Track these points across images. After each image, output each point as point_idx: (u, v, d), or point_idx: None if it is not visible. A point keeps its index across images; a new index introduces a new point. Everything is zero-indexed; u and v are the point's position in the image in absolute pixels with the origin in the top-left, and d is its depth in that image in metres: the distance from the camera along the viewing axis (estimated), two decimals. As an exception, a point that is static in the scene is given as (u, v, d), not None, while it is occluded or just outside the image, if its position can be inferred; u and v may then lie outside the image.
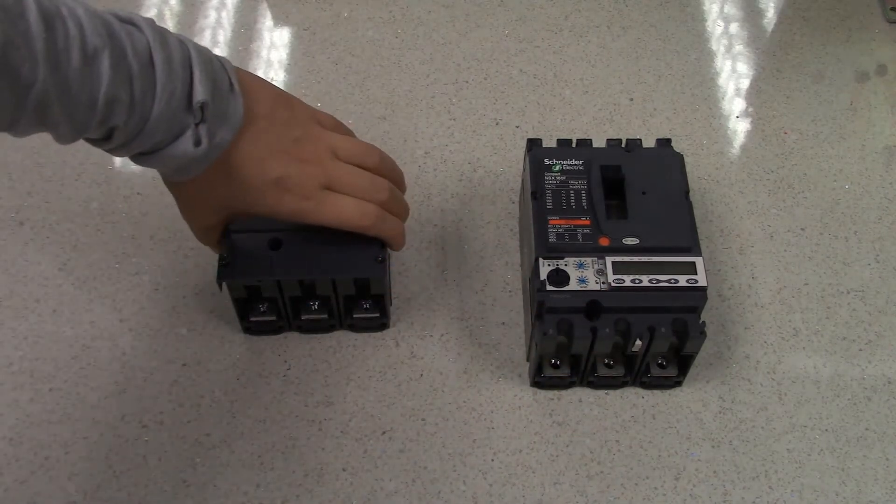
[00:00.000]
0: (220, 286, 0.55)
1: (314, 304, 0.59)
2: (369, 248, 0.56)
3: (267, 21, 0.81)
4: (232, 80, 0.48)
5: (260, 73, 0.77)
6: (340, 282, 0.57)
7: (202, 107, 0.45)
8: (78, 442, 0.57)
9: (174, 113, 0.44)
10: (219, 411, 0.59)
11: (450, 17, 0.81)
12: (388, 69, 0.77)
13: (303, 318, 0.59)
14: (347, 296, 0.59)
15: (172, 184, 0.51)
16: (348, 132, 0.59)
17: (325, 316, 0.59)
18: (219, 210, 0.53)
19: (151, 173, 0.69)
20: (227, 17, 0.81)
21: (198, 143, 0.46)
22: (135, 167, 0.70)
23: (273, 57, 0.78)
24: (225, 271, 0.55)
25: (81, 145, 0.71)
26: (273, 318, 0.59)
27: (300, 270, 0.56)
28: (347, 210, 0.53)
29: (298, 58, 0.78)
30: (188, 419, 0.58)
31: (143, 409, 0.58)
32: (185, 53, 0.45)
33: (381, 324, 0.61)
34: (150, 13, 0.80)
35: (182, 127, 0.45)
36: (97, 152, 0.70)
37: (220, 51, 0.78)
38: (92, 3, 0.43)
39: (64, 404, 0.58)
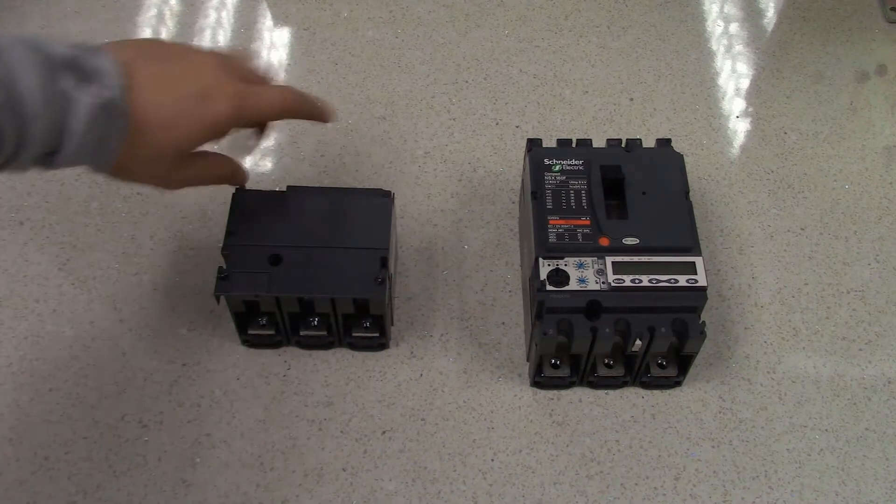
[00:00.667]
0: (218, 299, 0.55)
1: (314, 321, 0.59)
2: (370, 267, 0.56)
3: (267, 21, 0.81)
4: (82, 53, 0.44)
5: (260, 73, 0.77)
6: (339, 300, 0.56)
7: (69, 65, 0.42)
8: (78, 442, 0.57)
9: (51, 97, 0.42)
10: (219, 411, 0.59)
11: (450, 17, 0.81)
12: (388, 69, 0.77)
13: (301, 333, 0.59)
14: (347, 314, 0.58)
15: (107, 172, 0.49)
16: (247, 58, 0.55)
17: (324, 333, 0.59)
18: (162, 161, 0.50)
19: (151, 173, 0.70)
20: (227, 17, 0.81)
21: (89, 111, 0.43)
22: (135, 167, 0.70)
23: (273, 57, 0.78)
24: (223, 285, 0.55)
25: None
26: (272, 332, 0.59)
27: (298, 287, 0.56)
28: (268, 96, 0.52)
29: (298, 58, 0.78)
30: (188, 419, 0.58)
31: (143, 409, 0.58)
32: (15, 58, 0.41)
33: (380, 344, 0.61)
34: (150, 13, 0.80)
35: (64, 104, 0.42)
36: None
37: (220, 51, 0.78)
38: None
39: (64, 404, 0.58)
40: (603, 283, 0.55)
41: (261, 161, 0.71)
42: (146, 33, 0.78)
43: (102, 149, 0.46)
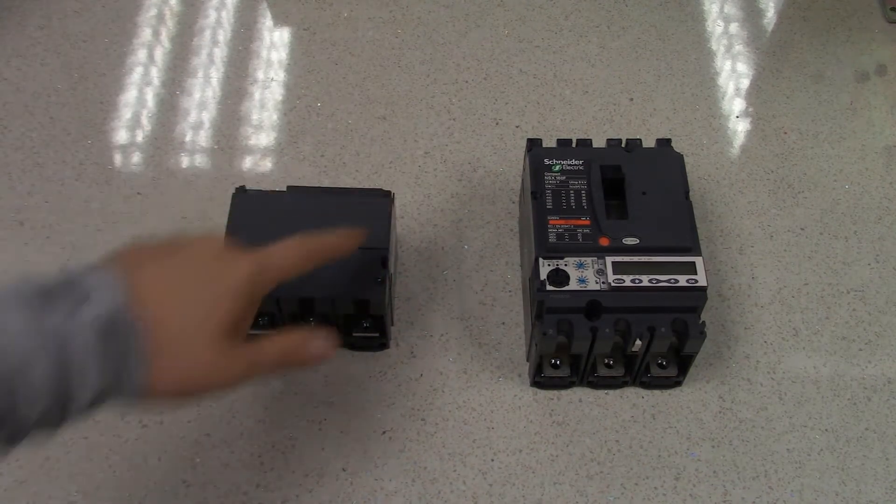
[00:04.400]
0: None
1: (314, 321, 0.58)
2: (370, 268, 0.56)
3: (267, 21, 0.81)
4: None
5: (260, 74, 0.77)
6: (339, 301, 0.56)
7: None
8: (78, 442, 0.57)
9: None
10: (219, 411, 0.58)
11: (450, 17, 0.81)
12: (388, 69, 0.77)
13: None
14: (347, 314, 0.58)
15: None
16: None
17: None
18: (202, 355, 0.44)
19: (152, 173, 0.70)
20: (227, 17, 0.81)
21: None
22: (135, 167, 0.70)
23: (273, 57, 0.78)
24: None
25: (82, 144, 0.71)
26: (272, 332, 0.59)
27: (299, 287, 0.55)
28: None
29: (298, 58, 0.78)
30: (188, 419, 0.58)
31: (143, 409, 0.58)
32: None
33: (380, 344, 0.61)
34: (150, 13, 0.80)
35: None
36: (97, 151, 0.70)
37: (219, 51, 0.78)
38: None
39: (64, 404, 0.58)
40: (603, 283, 0.55)
41: (261, 161, 0.71)
42: (146, 33, 0.78)
43: (123, 366, 0.40)
